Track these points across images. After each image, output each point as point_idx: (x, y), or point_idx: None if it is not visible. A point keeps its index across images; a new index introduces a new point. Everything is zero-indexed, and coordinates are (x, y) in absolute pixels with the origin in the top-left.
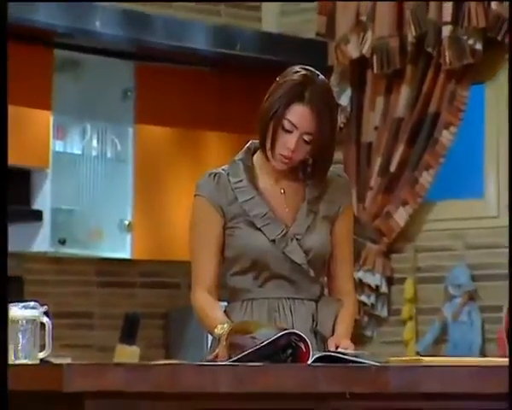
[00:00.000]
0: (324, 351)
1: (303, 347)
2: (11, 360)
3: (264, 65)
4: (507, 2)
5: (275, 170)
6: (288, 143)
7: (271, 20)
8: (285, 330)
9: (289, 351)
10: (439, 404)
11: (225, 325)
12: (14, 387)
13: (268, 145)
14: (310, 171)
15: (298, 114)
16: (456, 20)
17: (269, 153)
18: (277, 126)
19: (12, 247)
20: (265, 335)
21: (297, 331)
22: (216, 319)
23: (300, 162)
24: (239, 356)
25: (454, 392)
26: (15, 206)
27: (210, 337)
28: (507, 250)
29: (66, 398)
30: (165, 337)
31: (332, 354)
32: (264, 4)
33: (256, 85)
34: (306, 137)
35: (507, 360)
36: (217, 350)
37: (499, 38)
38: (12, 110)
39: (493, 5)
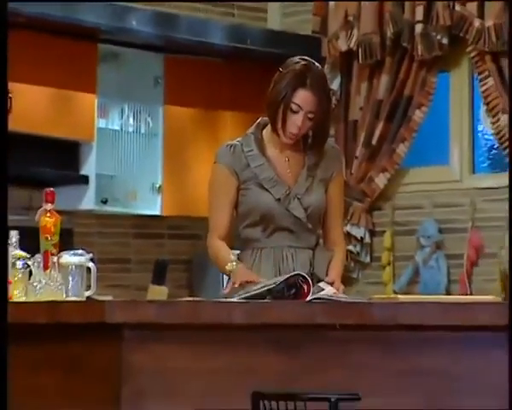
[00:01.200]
0: (318, 295)
1: (305, 287)
2: (62, 297)
3: (270, 57)
4: (469, 6)
5: (281, 142)
6: (296, 122)
7: (275, 20)
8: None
9: (293, 290)
10: (413, 333)
11: (234, 263)
12: (65, 320)
13: (279, 125)
14: (310, 143)
15: (302, 98)
16: (426, 20)
17: (280, 131)
18: (286, 109)
19: (64, 205)
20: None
21: (303, 273)
22: (226, 259)
23: (302, 136)
24: (253, 292)
25: (425, 324)
26: (66, 172)
27: (226, 279)
28: (467, 208)
29: (108, 328)
30: (188, 279)
31: (325, 297)
32: (270, 7)
33: (263, 73)
34: (309, 115)
35: (468, 297)
36: (228, 288)
37: (461, 34)
38: (63, 94)
39: (457, 7)
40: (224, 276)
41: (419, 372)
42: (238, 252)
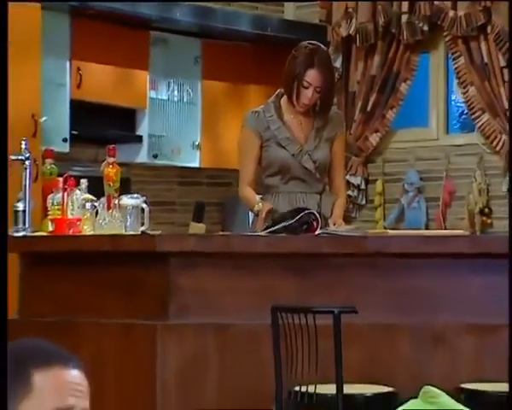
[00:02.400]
0: (326, 230)
1: (315, 224)
2: (122, 231)
3: (286, 41)
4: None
5: (295, 109)
6: (307, 95)
7: (290, 11)
8: (305, 209)
9: (305, 226)
10: (400, 260)
11: (260, 204)
12: (124, 249)
13: (294, 97)
14: (318, 109)
15: (312, 76)
16: (411, 11)
17: (295, 102)
18: (299, 85)
19: (123, 159)
20: (290, 213)
21: (314, 211)
22: (254, 201)
23: (312, 104)
24: (273, 228)
25: (410, 252)
26: (125, 132)
27: (251, 218)
28: (443, 161)
29: (158, 256)
30: (221, 218)
31: (330, 232)
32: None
33: (280, 55)
34: (317, 89)
35: (443, 231)
36: (258, 222)
37: (439, 22)
38: (123, 71)
39: (435, 1)
40: (250, 214)
41: (405, 292)
42: (261, 196)
